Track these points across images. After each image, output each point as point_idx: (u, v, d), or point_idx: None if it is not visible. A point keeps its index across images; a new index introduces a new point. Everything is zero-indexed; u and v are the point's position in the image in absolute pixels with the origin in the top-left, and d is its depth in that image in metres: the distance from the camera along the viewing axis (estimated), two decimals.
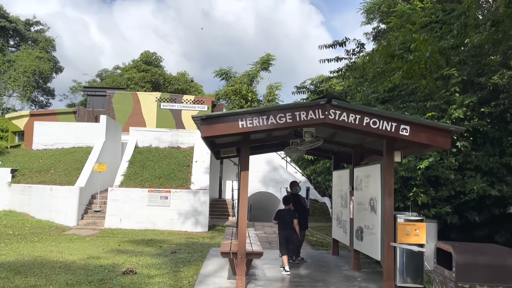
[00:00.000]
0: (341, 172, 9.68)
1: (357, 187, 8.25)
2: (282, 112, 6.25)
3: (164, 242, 11.66)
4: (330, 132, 8.33)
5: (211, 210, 22.15)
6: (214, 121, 6.20)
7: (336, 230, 9.89)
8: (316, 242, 13.55)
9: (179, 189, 15.30)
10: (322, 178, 15.56)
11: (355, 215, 8.33)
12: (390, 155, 6.86)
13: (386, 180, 6.79)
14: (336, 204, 9.98)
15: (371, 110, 6.37)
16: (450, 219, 10.74)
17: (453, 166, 10.58)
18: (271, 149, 10.72)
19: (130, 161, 16.83)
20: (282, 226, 7.99)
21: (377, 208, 7.13)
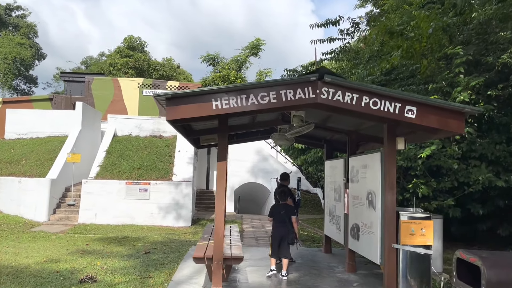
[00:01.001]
0: (335, 162, 8.67)
1: (353, 179, 7.25)
2: (264, 90, 5.18)
3: (140, 239, 10.60)
4: (322, 116, 7.29)
5: (198, 202, 21.13)
6: (181, 101, 5.12)
7: (329, 227, 8.91)
8: (308, 237, 12.59)
9: (159, 181, 14.20)
10: (313, 169, 14.57)
11: (350, 211, 7.34)
12: (392, 142, 5.84)
13: (387, 171, 5.78)
14: (329, 197, 8.99)
15: (371, 88, 5.33)
16: (452, 213, 9.83)
17: (456, 154, 9.66)
18: (257, 136, 9.66)
19: (108, 151, 15.67)
20: (277, 223, 6.97)
21: (376, 203, 6.14)
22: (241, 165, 21.95)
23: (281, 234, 6.85)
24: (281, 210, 6.93)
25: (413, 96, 5.32)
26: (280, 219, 6.89)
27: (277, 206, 7.12)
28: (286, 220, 6.84)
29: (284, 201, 7.05)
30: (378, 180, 6.09)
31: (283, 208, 6.96)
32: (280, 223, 6.89)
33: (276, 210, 7.00)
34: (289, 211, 6.93)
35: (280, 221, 6.89)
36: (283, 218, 6.85)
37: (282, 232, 6.85)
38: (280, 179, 8.39)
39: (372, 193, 6.29)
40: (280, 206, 7.04)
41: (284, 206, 6.99)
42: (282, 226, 6.87)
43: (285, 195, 7.08)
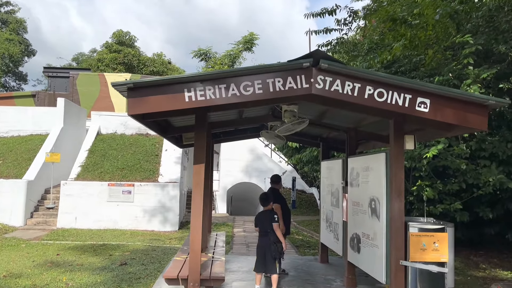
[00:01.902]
0: (332, 163, 7.80)
1: (352, 183, 6.39)
2: (248, 78, 4.30)
3: (119, 247, 9.71)
4: (317, 111, 6.42)
5: (189, 203, 20.26)
6: (146, 91, 4.22)
7: (326, 234, 8.05)
8: (302, 242, 11.74)
9: (144, 182, 13.30)
10: (309, 168, 13.73)
11: (350, 219, 6.48)
12: (399, 141, 4.98)
13: (394, 175, 4.92)
14: (326, 201, 8.13)
15: (376, 76, 4.45)
16: (460, 217, 9.01)
17: (464, 154, 8.83)
18: (246, 134, 8.78)
19: (90, 150, 14.74)
20: (261, 233, 6.10)
21: (380, 212, 5.27)
22: (234, 165, 21.10)
23: (264, 246, 5.98)
24: (262, 218, 6.08)
25: (426, 86, 4.44)
26: (263, 229, 6.04)
27: (260, 214, 6.25)
28: (268, 229, 5.97)
29: (266, 206, 6.18)
30: (382, 185, 5.22)
31: (264, 215, 6.10)
32: (263, 233, 6.03)
33: (259, 219, 6.14)
34: (270, 218, 6.03)
35: (263, 231, 6.03)
36: (265, 227, 5.99)
37: (264, 243, 5.98)
38: (271, 182, 7.53)
39: (376, 200, 5.43)
40: (262, 213, 6.18)
41: (265, 213, 6.11)
42: (264, 236, 6.00)
43: (266, 199, 6.18)
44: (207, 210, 9.12)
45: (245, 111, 6.70)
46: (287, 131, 5.87)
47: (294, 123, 5.64)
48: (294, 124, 5.71)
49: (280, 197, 7.32)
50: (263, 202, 6.19)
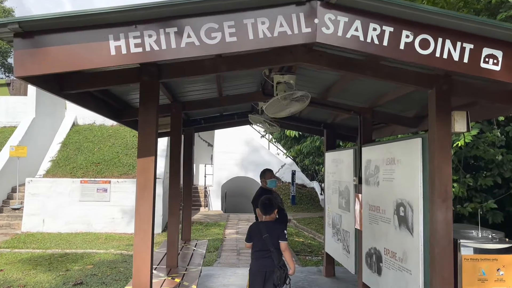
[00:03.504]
0: (340, 154, 6.18)
1: (369, 180, 4.78)
2: (212, 19, 2.67)
3: (83, 257, 8.12)
4: (322, 84, 4.81)
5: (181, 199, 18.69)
6: (44, 39, 2.60)
7: (332, 243, 6.46)
8: (303, 246, 10.17)
9: (123, 178, 11.71)
10: (309, 161, 12.11)
11: (365, 227, 4.89)
12: (444, 119, 3.36)
13: (437, 170, 3.31)
14: (331, 203, 6.52)
15: (419, 11, 2.79)
16: (493, 218, 7.44)
17: (499, 141, 7.27)
18: (233, 120, 7.16)
19: (63, 143, 13.13)
20: (258, 252, 4.35)
21: (414, 223, 3.67)
22: (228, 158, 19.50)
23: (265, 270, 4.32)
24: (263, 231, 4.37)
25: (499, 28, 2.79)
26: (262, 247, 4.34)
27: (257, 225, 4.54)
28: (271, 247, 4.31)
29: (269, 215, 4.50)
30: (417, 184, 3.62)
31: (267, 227, 4.39)
32: (263, 252, 4.35)
33: (256, 232, 4.43)
34: (276, 232, 4.37)
35: (263, 249, 4.35)
36: (266, 244, 4.33)
37: (265, 266, 4.31)
38: (261, 177, 5.91)
39: (406, 205, 3.82)
40: (262, 225, 4.46)
41: (268, 225, 4.43)
42: (265, 257, 4.32)
43: (270, 206, 4.48)
44: (188, 211, 7.55)
45: (225, 86, 5.08)
46: (280, 109, 4.23)
47: (289, 96, 4.01)
48: (288, 99, 4.07)
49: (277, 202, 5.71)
50: (265, 210, 4.42)
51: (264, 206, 4.41)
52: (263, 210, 4.42)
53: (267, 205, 4.41)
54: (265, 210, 4.42)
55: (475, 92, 3.50)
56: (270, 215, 4.42)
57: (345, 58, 3.43)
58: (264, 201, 4.43)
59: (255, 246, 4.39)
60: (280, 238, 4.34)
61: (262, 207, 4.41)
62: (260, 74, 4.71)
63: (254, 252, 4.40)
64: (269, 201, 4.43)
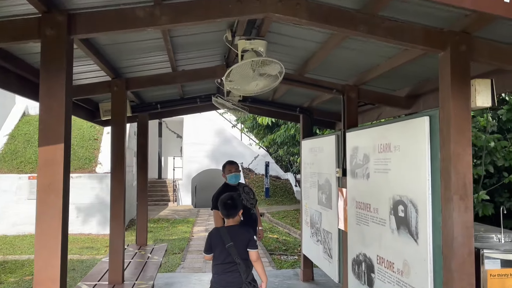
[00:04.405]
0: (319, 141, 5.32)
1: (356, 172, 3.94)
2: None
3: (24, 266, 7.02)
4: (299, 55, 3.91)
5: (148, 194, 17.58)
6: None
7: (310, 245, 5.62)
8: (277, 244, 9.34)
9: (78, 173, 10.54)
10: (284, 151, 11.25)
11: (351, 228, 4.05)
12: (461, 90, 2.53)
13: (453, 157, 2.49)
14: (309, 198, 5.67)
15: None
16: (484, 211, 6.76)
17: (490, 126, 6.71)
18: (196, 105, 6.17)
19: (11, 134, 11.80)
20: (221, 265, 3.41)
21: (418, 225, 2.84)
22: (199, 149, 18.49)
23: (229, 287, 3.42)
24: (226, 238, 3.44)
25: None
26: (225, 258, 3.40)
27: (218, 231, 3.56)
28: (238, 259, 3.40)
29: (232, 217, 3.58)
30: (424, 176, 2.78)
31: (231, 234, 3.46)
32: (227, 265, 3.42)
33: (218, 240, 3.47)
34: (243, 239, 3.44)
35: (226, 261, 3.42)
36: (231, 255, 3.41)
37: (230, 283, 3.38)
38: (222, 171, 4.98)
39: (408, 203, 2.98)
40: (225, 231, 3.50)
41: (232, 231, 3.49)
42: (229, 271, 3.39)
43: (234, 207, 3.52)
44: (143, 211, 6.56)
45: (179, 59, 4.11)
46: (245, 83, 3.29)
47: (257, 64, 3.08)
48: (257, 69, 3.14)
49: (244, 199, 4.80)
50: (227, 211, 3.50)
51: (225, 207, 3.49)
52: (225, 211, 3.50)
53: (229, 205, 3.48)
54: (227, 212, 3.50)
55: (501, 56, 2.68)
56: (234, 218, 3.50)
57: (331, 9, 2.53)
58: (225, 200, 3.50)
59: (216, 258, 3.47)
60: (249, 245, 3.45)
61: (223, 208, 3.49)
62: (222, 43, 3.77)
63: (216, 266, 3.48)
64: (231, 200, 3.51)
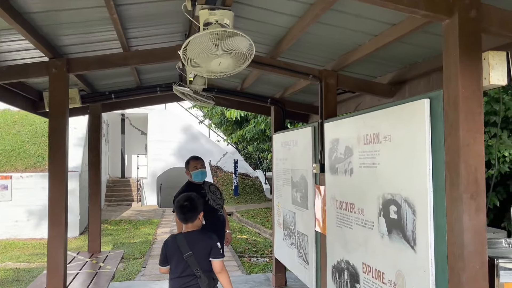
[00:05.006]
0: (293, 134, 4.82)
1: (336, 167, 3.46)
2: None
3: None
4: (272, 32, 3.38)
5: (110, 194, 16.66)
6: None
7: (283, 247, 5.12)
8: (247, 245, 8.83)
9: (29, 172, 9.64)
10: (253, 148, 10.73)
11: (331, 231, 3.58)
12: (470, 65, 2.07)
13: (462, 147, 2.03)
14: (282, 197, 5.17)
15: None
16: None
17: None
18: (156, 94, 5.53)
19: None
20: (178, 280, 2.86)
21: (416, 229, 2.38)
22: (164, 147, 17.71)
23: None
24: (184, 247, 2.87)
25: None
26: (183, 271, 2.83)
27: (174, 239, 2.96)
28: (198, 271, 2.84)
29: (191, 222, 2.99)
30: (423, 171, 2.31)
31: (189, 241, 2.89)
32: (185, 279, 2.84)
33: (174, 250, 2.91)
34: (205, 247, 2.90)
35: (185, 274, 2.85)
36: (190, 268, 2.85)
37: None
38: (186, 167, 4.39)
39: (403, 203, 2.51)
40: (182, 238, 2.92)
41: (191, 238, 2.92)
42: (189, 286, 2.82)
43: (192, 209, 2.94)
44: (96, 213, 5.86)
45: (131, 38, 3.49)
46: (206, 59, 2.72)
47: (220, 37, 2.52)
48: (220, 45, 2.59)
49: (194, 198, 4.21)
50: (184, 215, 2.94)
51: (182, 210, 2.93)
52: (182, 215, 2.93)
53: (186, 208, 2.92)
54: (184, 216, 2.94)
55: None
56: (193, 222, 2.94)
57: None
58: (182, 202, 2.94)
59: (173, 271, 2.90)
60: (212, 254, 2.90)
61: (180, 212, 2.93)
62: (182, 17, 3.19)
63: (173, 280, 2.91)
64: (189, 202, 2.95)
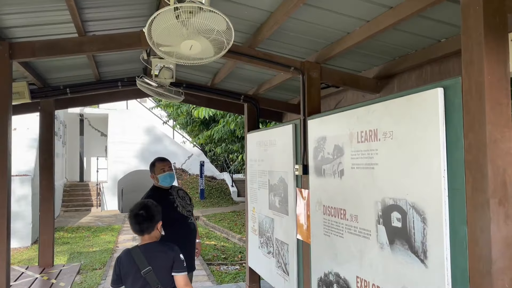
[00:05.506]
0: (270, 133, 4.42)
1: (323, 168, 3.11)
2: None
3: None
4: (251, 16, 2.98)
5: (67, 199, 15.69)
6: None
7: (258, 256, 4.72)
8: (215, 251, 8.37)
9: None
10: (222, 149, 10.28)
11: (317, 240, 3.22)
12: (494, 48, 1.76)
13: (489, 144, 1.71)
14: (258, 201, 4.77)
15: None
16: None
17: None
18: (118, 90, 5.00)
19: None
20: None
21: (427, 240, 2.05)
22: (126, 149, 16.93)
23: None
24: (141, 262, 2.44)
25: None
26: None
27: (129, 254, 2.51)
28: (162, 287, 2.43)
29: (148, 233, 2.55)
30: (437, 171, 1.98)
31: (147, 255, 2.47)
32: None
33: (130, 267, 2.47)
34: (165, 261, 2.49)
35: None
36: (150, 285, 2.41)
37: None
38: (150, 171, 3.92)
39: (409, 209, 2.18)
40: (138, 252, 2.49)
41: (149, 251, 2.50)
42: None
43: (149, 218, 2.52)
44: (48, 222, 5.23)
45: (88, 22, 2.99)
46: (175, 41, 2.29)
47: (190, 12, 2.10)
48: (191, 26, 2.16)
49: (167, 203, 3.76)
50: (139, 225, 2.52)
51: (137, 220, 2.52)
52: (137, 226, 2.52)
53: (141, 217, 2.52)
54: (139, 227, 2.52)
55: None
56: (150, 234, 2.52)
57: None
58: (136, 211, 2.54)
59: None
60: (175, 268, 2.50)
61: (134, 222, 2.52)
62: None
63: None
64: (145, 210, 2.54)
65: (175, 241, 3.57)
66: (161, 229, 2.66)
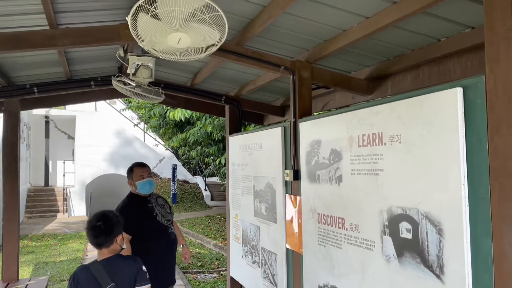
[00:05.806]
0: (256, 136, 4.19)
1: (317, 174, 2.91)
2: None
3: None
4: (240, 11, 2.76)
5: (31, 205, 14.92)
6: None
7: (241, 265, 4.48)
8: (192, 259, 8.06)
9: None
10: (197, 153, 9.95)
11: (310, 250, 3.02)
12: None
13: None
14: (242, 207, 4.52)
15: None
16: None
17: None
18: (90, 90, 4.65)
19: None
20: None
21: (442, 254, 1.88)
22: (94, 152, 16.31)
23: None
24: (104, 279, 2.18)
25: None
26: None
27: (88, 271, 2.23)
28: None
29: (107, 246, 2.31)
30: (455, 179, 1.81)
31: (110, 269, 2.24)
32: None
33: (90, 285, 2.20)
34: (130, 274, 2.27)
35: None
36: None
37: None
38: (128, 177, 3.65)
39: (421, 219, 2.00)
40: (99, 267, 2.23)
41: (111, 266, 2.26)
42: None
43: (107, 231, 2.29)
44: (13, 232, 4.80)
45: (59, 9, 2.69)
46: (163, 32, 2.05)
47: None
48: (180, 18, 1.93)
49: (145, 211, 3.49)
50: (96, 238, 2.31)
51: (93, 232, 2.32)
52: (94, 239, 2.31)
53: (98, 230, 2.32)
54: (96, 240, 2.30)
55: None
56: (109, 247, 2.29)
57: None
58: (94, 223, 2.32)
59: None
60: (138, 281, 2.29)
61: (92, 235, 2.32)
62: None
63: None
64: (103, 222, 2.33)
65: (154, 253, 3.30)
66: (121, 243, 2.42)
